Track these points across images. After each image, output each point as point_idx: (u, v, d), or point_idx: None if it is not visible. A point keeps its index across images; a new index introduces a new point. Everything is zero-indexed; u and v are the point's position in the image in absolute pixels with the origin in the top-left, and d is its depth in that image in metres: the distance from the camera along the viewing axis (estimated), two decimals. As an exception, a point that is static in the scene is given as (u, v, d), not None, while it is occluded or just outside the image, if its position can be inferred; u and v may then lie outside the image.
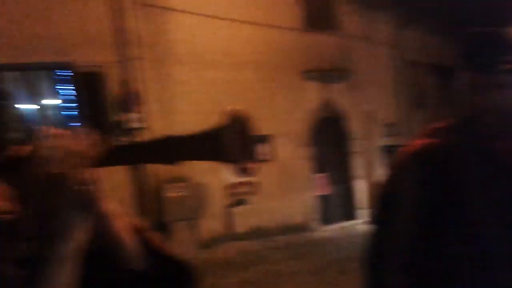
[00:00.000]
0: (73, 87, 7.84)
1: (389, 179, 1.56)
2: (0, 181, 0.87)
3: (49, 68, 7.93)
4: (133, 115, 8.17)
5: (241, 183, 9.70)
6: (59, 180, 0.76)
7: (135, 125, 8.16)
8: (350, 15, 12.13)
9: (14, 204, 0.86)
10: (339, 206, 11.86)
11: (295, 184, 10.59)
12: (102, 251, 0.85)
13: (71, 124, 7.59)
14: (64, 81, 8.05)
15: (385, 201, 1.55)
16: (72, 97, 7.95)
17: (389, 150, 12.94)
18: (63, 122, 7.63)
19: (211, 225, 9.15)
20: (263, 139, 9.58)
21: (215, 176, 9.15)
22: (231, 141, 0.78)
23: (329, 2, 11.78)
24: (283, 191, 10.35)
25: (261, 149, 9.57)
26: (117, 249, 0.92)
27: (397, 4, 12.63)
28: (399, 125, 13.36)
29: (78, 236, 0.79)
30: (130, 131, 8.12)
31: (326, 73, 11.38)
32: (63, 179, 0.76)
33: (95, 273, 0.81)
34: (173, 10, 8.95)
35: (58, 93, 8.14)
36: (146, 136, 8.03)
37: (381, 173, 12.10)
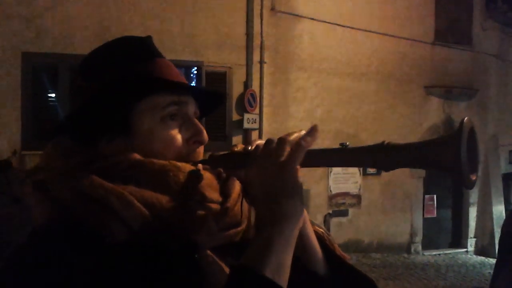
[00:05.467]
0: (200, 85, 8.37)
1: None
2: (211, 175, 0.96)
3: (182, 66, 8.56)
4: (249, 116, 8.48)
5: (344, 194, 9.67)
6: (286, 171, 0.83)
7: (249, 126, 8.47)
8: (485, 31, 11.45)
9: (221, 195, 0.96)
10: (446, 231, 11.34)
11: (400, 202, 10.30)
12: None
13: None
14: (193, 79, 8.60)
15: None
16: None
17: (510, 178, 12.09)
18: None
19: (309, 232, 9.23)
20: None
21: (318, 183, 9.22)
22: (463, 151, 0.77)
23: (464, 17, 11.20)
24: (387, 207, 10.12)
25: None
26: (305, 250, 0.95)
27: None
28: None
29: (299, 222, 0.85)
30: (245, 131, 8.45)
31: (451, 90, 10.87)
32: (290, 170, 0.83)
33: None
34: (300, 16, 9.09)
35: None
36: (257, 137, 8.32)
37: (498, 202, 11.37)
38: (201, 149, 1.01)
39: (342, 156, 0.87)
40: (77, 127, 0.98)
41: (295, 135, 0.87)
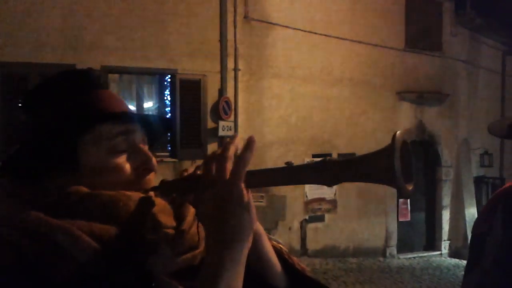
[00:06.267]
0: (174, 93, 8.34)
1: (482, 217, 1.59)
2: (163, 200, 0.96)
3: (156, 74, 8.51)
4: (224, 124, 8.47)
5: (320, 200, 9.71)
6: (229, 189, 0.82)
7: (224, 133, 8.45)
8: (454, 37, 11.70)
9: (176, 219, 0.95)
10: (420, 235, 11.49)
11: (374, 207, 10.39)
12: (249, 265, 0.88)
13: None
14: (167, 87, 8.56)
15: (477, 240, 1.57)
16: (170, 102, 8.46)
17: (482, 181, 12.33)
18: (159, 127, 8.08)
19: (285, 238, 9.24)
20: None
21: (294, 190, 9.23)
22: (397, 163, 0.79)
23: (434, 23, 11.43)
24: (362, 212, 10.20)
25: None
26: (263, 264, 0.96)
27: (505, 29, 11.98)
28: (494, 156, 12.67)
29: (249, 238, 0.85)
30: (220, 138, 8.42)
31: (422, 95, 11.06)
32: (234, 187, 0.82)
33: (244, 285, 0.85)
34: (273, 24, 9.14)
35: (162, 97, 8.66)
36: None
37: (470, 205, 11.58)
38: (151, 176, 1.00)
39: (287, 174, 0.89)
40: (21, 165, 0.96)
41: (232, 149, 0.86)
